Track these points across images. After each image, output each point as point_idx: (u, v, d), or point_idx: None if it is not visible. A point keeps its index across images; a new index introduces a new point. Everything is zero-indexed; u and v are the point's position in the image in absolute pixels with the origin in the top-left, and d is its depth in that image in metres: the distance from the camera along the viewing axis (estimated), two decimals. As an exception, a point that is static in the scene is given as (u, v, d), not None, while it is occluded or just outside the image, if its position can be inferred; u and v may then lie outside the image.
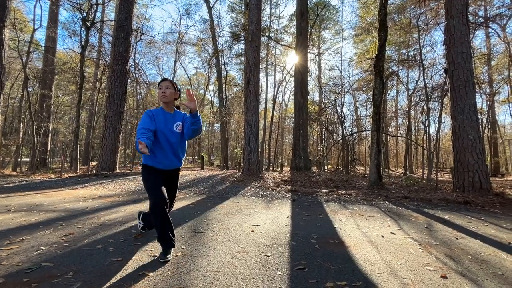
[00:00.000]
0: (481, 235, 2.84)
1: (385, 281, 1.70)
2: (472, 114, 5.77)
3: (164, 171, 2.17)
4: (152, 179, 2.06)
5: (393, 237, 2.68)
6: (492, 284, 1.70)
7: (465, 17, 5.98)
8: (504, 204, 4.75)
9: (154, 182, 2.04)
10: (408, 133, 20.18)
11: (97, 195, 4.99)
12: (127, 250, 2.14)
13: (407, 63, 16.21)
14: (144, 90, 19.83)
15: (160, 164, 2.12)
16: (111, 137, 8.90)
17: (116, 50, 9.36)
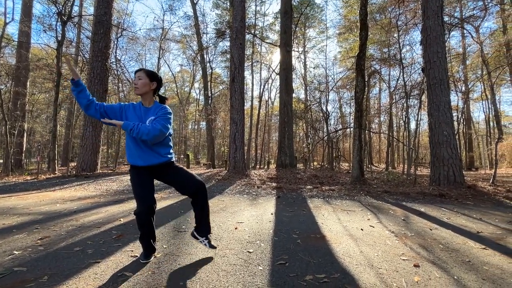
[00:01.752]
0: (453, 225, 3.01)
1: (362, 272, 1.77)
2: (446, 111, 6.05)
3: (149, 167, 1.93)
4: (138, 182, 1.90)
5: (372, 230, 2.79)
6: (459, 271, 1.81)
7: (440, 18, 6.24)
8: (475, 196, 5.04)
9: (140, 186, 1.89)
10: (390, 130, 20.87)
11: (76, 197, 4.82)
12: (107, 251, 2.10)
13: (388, 62, 16.70)
14: (127, 87, 19.27)
15: (139, 160, 1.89)
16: (92, 136, 8.59)
17: (95, 46, 9.02)
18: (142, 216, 1.86)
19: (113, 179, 7.42)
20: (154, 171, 1.99)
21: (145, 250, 1.94)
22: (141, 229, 1.90)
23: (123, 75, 16.94)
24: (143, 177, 1.93)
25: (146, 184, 1.92)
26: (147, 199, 1.88)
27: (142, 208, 1.86)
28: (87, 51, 13.58)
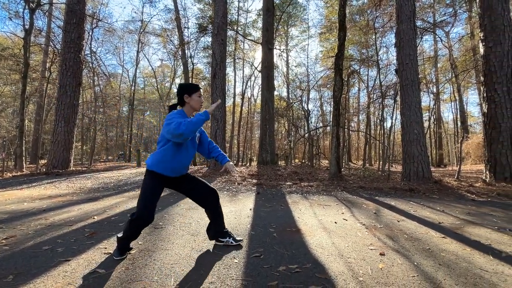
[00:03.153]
0: (418, 217, 3.23)
1: (332, 262, 1.87)
2: (417, 110, 6.42)
3: (172, 178, 1.98)
4: (153, 191, 1.87)
5: (345, 223, 2.92)
6: (419, 257, 1.96)
7: (412, 23, 6.58)
8: (441, 190, 5.41)
9: (154, 195, 1.87)
10: (367, 128, 21.71)
11: (47, 195, 4.59)
12: (78, 249, 2.04)
13: (367, 62, 17.33)
14: (103, 81, 18.44)
15: (172, 172, 1.92)
16: (64, 132, 8.15)
17: (67, 36, 8.53)
18: (141, 222, 1.83)
19: (87, 177, 7.13)
20: (173, 181, 2.01)
21: (121, 249, 1.91)
22: (133, 234, 1.88)
23: (99, 68, 16.21)
24: (160, 187, 1.92)
25: (159, 194, 1.92)
26: (153, 208, 1.87)
27: (146, 216, 1.82)
28: (59, 42, 12.80)
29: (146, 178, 1.90)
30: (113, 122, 24.18)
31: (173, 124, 1.72)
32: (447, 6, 16.08)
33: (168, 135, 1.75)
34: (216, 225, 2.16)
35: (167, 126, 1.75)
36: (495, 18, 6.42)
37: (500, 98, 6.29)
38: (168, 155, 1.87)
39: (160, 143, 1.91)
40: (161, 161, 1.87)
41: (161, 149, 1.88)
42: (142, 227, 1.87)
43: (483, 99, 6.75)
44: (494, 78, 6.39)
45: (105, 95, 19.59)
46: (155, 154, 1.90)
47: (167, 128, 1.75)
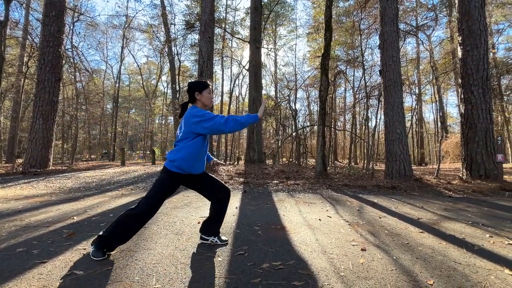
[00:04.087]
0: (399, 213, 3.34)
1: (315, 258, 1.90)
2: (399, 110, 6.63)
3: (194, 176, 2.00)
4: (169, 190, 1.89)
5: (329, 220, 2.98)
6: (398, 252, 2.03)
7: (395, 25, 6.78)
8: (421, 188, 5.62)
9: (167, 194, 1.89)
10: (353, 127, 22.19)
11: (23, 195, 4.38)
12: (55, 251, 1.97)
13: (353, 63, 17.70)
14: (85, 77, 17.79)
15: (193, 169, 1.92)
16: (42, 130, 7.80)
17: (46, 29, 8.15)
18: (143, 219, 1.84)
19: (68, 176, 6.87)
20: (190, 179, 2.00)
21: (103, 248, 1.83)
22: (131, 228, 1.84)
23: (81, 63, 15.63)
24: (177, 186, 1.94)
25: (172, 192, 1.94)
26: (160, 205, 1.90)
27: (152, 213, 1.85)
28: (38, 35, 12.22)
29: (165, 177, 1.88)
30: (96, 120, 23.40)
31: (219, 118, 1.77)
32: (429, 10, 16.69)
33: (210, 129, 1.79)
34: (215, 224, 2.17)
35: (208, 121, 1.78)
36: (472, 23, 6.72)
37: (476, 99, 6.60)
38: (196, 149, 1.88)
39: (181, 141, 1.89)
40: (189, 156, 1.86)
41: (188, 144, 1.86)
42: (143, 223, 1.86)
43: (461, 101, 7.06)
44: (471, 81, 6.69)
45: (88, 91, 18.91)
46: (181, 150, 1.86)
47: (209, 123, 1.78)
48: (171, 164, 1.86)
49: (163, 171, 1.91)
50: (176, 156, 1.86)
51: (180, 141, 1.91)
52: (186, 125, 1.87)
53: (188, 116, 1.86)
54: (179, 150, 1.87)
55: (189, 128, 1.85)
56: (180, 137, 1.92)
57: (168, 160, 1.89)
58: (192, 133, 1.86)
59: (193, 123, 1.82)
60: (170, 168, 1.86)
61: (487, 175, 6.30)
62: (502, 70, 15.29)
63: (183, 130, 1.89)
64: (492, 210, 3.63)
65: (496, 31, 16.95)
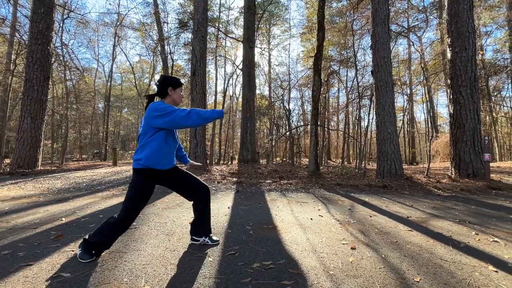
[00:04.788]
0: (389, 212, 3.39)
1: (305, 257, 1.91)
2: (391, 110, 6.72)
3: (165, 172, 1.93)
4: (146, 191, 1.82)
5: (320, 219, 3.00)
6: (387, 250, 2.06)
7: (387, 26, 6.87)
8: (411, 187, 5.72)
9: (146, 195, 1.83)
10: (346, 127, 22.41)
11: (10, 196, 4.28)
12: (42, 253, 1.93)
13: (345, 63, 17.86)
14: (76, 76, 17.46)
15: (167, 163, 1.90)
16: (30, 129, 7.61)
17: (34, 27, 7.95)
18: (128, 224, 1.82)
19: (57, 177, 6.73)
20: (165, 175, 1.95)
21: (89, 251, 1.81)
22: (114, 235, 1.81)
23: (71, 61, 15.34)
24: (152, 188, 1.88)
25: (150, 195, 1.88)
26: (140, 209, 1.84)
27: (133, 217, 1.81)
28: (26, 32, 11.92)
29: (137, 179, 1.81)
30: (87, 119, 23.01)
31: (179, 112, 1.73)
32: (420, 12, 16.96)
33: (170, 124, 1.75)
34: (202, 224, 2.14)
35: (169, 115, 1.73)
36: (461, 25, 6.86)
37: (465, 100, 6.75)
38: (160, 144, 1.82)
39: (145, 135, 1.81)
40: (154, 151, 1.79)
41: (149, 140, 1.79)
42: (122, 231, 1.83)
43: (450, 101, 7.21)
44: (460, 81, 6.84)
45: (78, 90, 18.58)
46: (144, 147, 1.80)
47: (169, 117, 1.73)
48: (137, 163, 1.80)
49: (133, 173, 1.85)
50: (141, 155, 1.79)
51: (141, 136, 1.84)
52: (146, 119, 1.80)
53: (150, 109, 1.79)
54: (143, 148, 1.80)
55: (149, 122, 1.79)
56: (140, 132, 1.85)
57: (134, 160, 1.82)
58: (152, 127, 1.79)
59: (154, 117, 1.76)
60: (136, 166, 1.81)
61: (475, 174, 6.45)
62: (489, 72, 15.68)
63: (143, 124, 1.83)
64: (479, 208, 3.72)
65: (484, 33, 17.36)
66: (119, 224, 1.78)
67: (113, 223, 1.77)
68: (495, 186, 5.57)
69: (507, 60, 15.46)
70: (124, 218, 1.77)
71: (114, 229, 1.79)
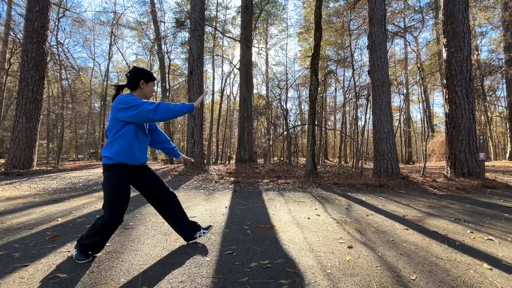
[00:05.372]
0: (385, 211, 3.42)
1: (303, 256, 1.92)
2: (387, 110, 6.76)
3: (135, 168, 1.86)
4: (121, 185, 1.73)
5: (318, 218, 3.02)
6: (383, 249, 2.08)
7: (383, 26, 6.90)
8: (407, 185, 5.77)
9: (125, 193, 1.76)
10: (343, 127, 22.50)
11: (4, 197, 4.23)
12: (38, 254, 1.91)
13: (342, 63, 17.93)
14: (72, 75, 17.29)
15: (136, 159, 1.80)
16: (25, 129, 7.53)
17: (29, 25, 7.86)
18: (115, 225, 1.77)
19: (53, 177, 6.67)
20: (136, 173, 1.88)
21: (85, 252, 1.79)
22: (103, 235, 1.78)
23: (67, 61, 15.19)
24: (128, 182, 1.79)
25: (129, 190, 1.81)
26: (124, 209, 1.77)
27: (118, 217, 1.74)
28: (21, 31, 11.79)
29: (109, 175, 1.73)
30: (83, 119, 22.82)
31: (146, 105, 1.64)
32: (416, 12, 17.07)
33: (136, 117, 1.67)
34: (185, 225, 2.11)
35: (135, 108, 1.65)
36: (457, 26, 6.92)
37: (460, 100, 6.81)
38: (130, 139, 1.74)
39: (113, 129, 1.73)
40: (125, 147, 1.72)
41: (118, 134, 1.72)
42: (114, 229, 1.80)
43: (446, 101, 7.27)
44: (455, 81, 6.90)
45: (74, 89, 18.41)
46: (113, 142, 1.72)
47: (136, 110, 1.65)
48: (105, 159, 1.74)
49: (103, 170, 1.77)
50: (109, 152, 1.73)
51: (108, 130, 1.77)
52: (112, 111, 1.72)
53: (117, 102, 1.71)
54: (112, 143, 1.73)
55: (115, 114, 1.71)
56: (107, 126, 1.77)
57: (103, 156, 1.75)
58: (119, 121, 1.71)
59: (120, 109, 1.69)
60: (105, 162, 1.74)
61: (470, 173, 6.52)
62: (485, 72, 15.83)
63: (110, 118, 1.75)
64: (474, 207, 3.76)
65: (479, 34, 17.52)
66: (105, 228, 1.74)
67: (100, 226, 1.73)
68: (490, 185, 5.63)
69: (501, 60, 15.62)
70: (109, 221, 1.71)
71: (103, 232, 1.76)
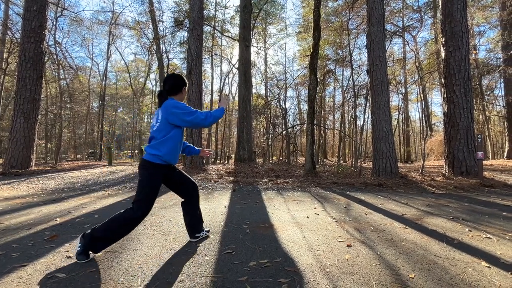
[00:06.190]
0: (384, 210, 3.42)
1: (302, 255, 1.92)
2: (386, 109, 6.77)
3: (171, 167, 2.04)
4: (158, 185, 1.89)
5: (317, 217, 3.02)
6: (382, 247, 2.08)
7: (382, 26, 6.91)
8: (406, 185, 5.78)
9: (158, 189, 1.90)
10: (342, 126, 22.53)
11: (3, 197, 4.21)
12: (36, 254, 1.91)
13: (341, 62, 17.94)
14: (70, 75, 17.22)
15: (175, 160, 1.99)
16: (23, 129, 7.50)
17: (27, 25, 7.82)
18: (135, 223, 1.84)
19: (51, 177, 6.65)
20: (169, 171, 2.02)
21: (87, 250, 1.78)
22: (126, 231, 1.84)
23: (65, 60, 15.13)
24: (161, 178, 1.94)
25: (159, 186, 1.94)
26: (152, 206, 1.91)
27: (144, 215, 1.86)
28: (18, 30, 11.72)
29: (154, 173, 1.87)
30: (81, 119, 22.73)
31: (199, 114, 1.86)
32: (414, 11, 17.09)
33: (188, 123, 1.85)
34: (198, 221, 2.23)
35: (190, 114, 1.83)
36: (455, 25, 6.94)
37: (458, 99, 6.83)
38: (177, 142, 1.93)
39: (163, 130, 1.87)
40: (173, 148, 1.90)
41: (168, 136, 1.87)
42: (132, 229, 1.87)
43: (444, 100, 7.29)
44: (453, 80, 6.92)
45: (72, 89, 18.34)
46: (164, 143, 1.87)
47: (190, 117, 1.83)
48: (155, 157, 1.85)
49: (146, 167, 1.86)
50: (160, 151, 1.85)
51: (157, 131, 1.88)
52: (165, 114, 1.85)
53: (169, 106, 1.85)
54: (162, 144, 1.86)
55: (167, 117, 1.84)
56: (157, 127, 1.88)
57: (151, 154, 1.85)
58: (169, 124, 1.86)
59: (172, 113, 1.82)
60: (155, 161, 1.85)
61: (468, 171, 6.54)
62: (483, 71, 15.88)
63: (160, 120, 1.87)
64: (472, 205, 3.78)
65: (477, 33, 17.56)
66: (133, 222, 1.82)
67: (126, 220, 1.79)
68: (488, 183, 5.65)
69: (499, 59, 15.67)
70: (141, 216, 1.82)
71: (125, 226, 1.81)
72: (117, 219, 1.79)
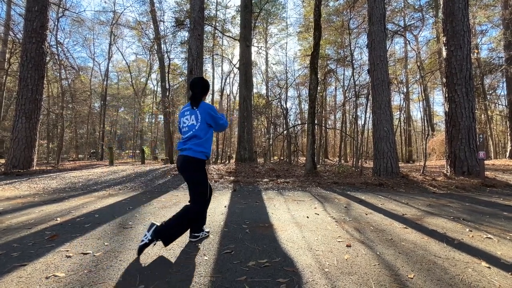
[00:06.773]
0: (385, 210, 3.41)
1: (301, 255, 1.92)
2: (387, 109, 6.75)
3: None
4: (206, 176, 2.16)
5: (317, 217, 3.02)
6: (382, 247, 2.08)
7: (383, 25, 6.88)
8: (407, 184, 5.76)
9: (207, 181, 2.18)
10: (343, 126, 22.48)
11: (4, 197, 4.24)
12: (37, 253, 1.91)
13: (342, 62, 17.89)
14: (71, 75, 17.27)
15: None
16: (25, 129, 7.53)
17: (29, 25, 7.85)
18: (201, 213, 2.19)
19: (53, 177, 6.68)
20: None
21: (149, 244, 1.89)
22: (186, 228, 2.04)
23: (67, 60, 15.18)
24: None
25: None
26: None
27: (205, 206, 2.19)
28: (20, 31, 11.77)
29: (203, 169, 2.11)
30: (83, 119, 22.79)
31: (225, 119, 2.18)
32: (416, 10, 17.03)
33: (219, 127, 2.14)
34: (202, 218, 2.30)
35: (221, 118, 2.13)
36: (456, 24, 6.90)
37: (460, 98, 6.80)
38: (211, 140, 2.18)
39: (203, 131, 2.09)
40: (210, 146, 2.15)
41: (207, 136, 2.12)
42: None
43: (446, 99, 7.26)
44: (455, 80, 6.88)
45: (74, 89, 18.40)
46: (207, 141, 2.11)
47: (222, 120, 2.14)
48: (202, 154, 2.07)
49: (200, 165, 2.07)
50: (206, 148, 2.11)
51: (200, 131, 2.08)
52: (204, 115, 2.08)
53: (208, 108, 2.09)
54: (206, 142, 2.11)
55: (206, 118, 2.08)
56: (199, 127, 2.08)
57: (197, 151, 2.05)
58: (207, 123, 2.10)
59: (210, 115, 2.08)
60: (202, 157, 2.08)
61: (469, 171, 6.51)
62: (485, 70, 15.79)
63: (200, 120, 2.08)
64: (473, 205, 3.76)
65: (479, 32, 17.46)
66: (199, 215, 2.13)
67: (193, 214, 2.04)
68: (490, 183, 5.63)
69: (502, 59, 15.57)
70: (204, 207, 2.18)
71: (191, 220, 2.08)
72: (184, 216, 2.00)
